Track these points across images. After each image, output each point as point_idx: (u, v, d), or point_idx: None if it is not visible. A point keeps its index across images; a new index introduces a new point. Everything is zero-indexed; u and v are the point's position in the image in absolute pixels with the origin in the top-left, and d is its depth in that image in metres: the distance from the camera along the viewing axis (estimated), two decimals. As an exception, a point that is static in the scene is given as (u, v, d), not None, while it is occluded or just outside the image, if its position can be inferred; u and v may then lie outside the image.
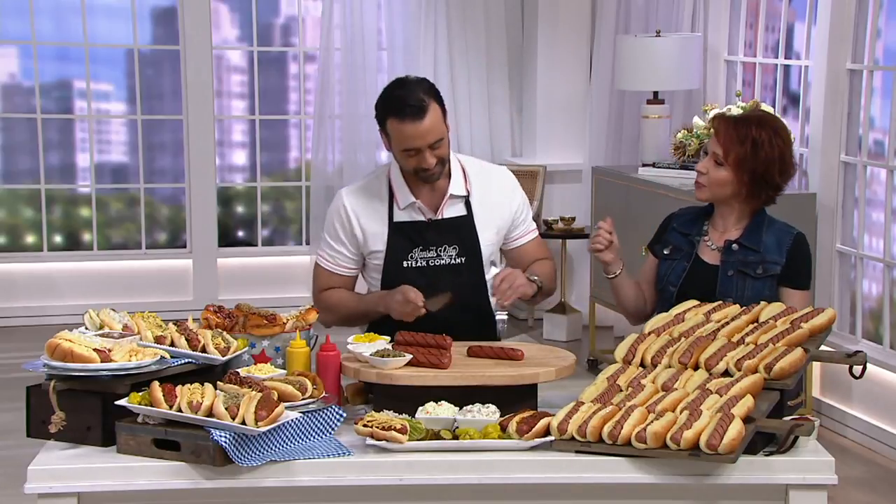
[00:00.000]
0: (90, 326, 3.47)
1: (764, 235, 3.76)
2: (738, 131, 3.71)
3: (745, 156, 3.69)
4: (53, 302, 7.88)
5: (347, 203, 3.97)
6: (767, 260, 3.73)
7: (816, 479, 3.13)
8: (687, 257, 3.82)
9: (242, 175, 8.48)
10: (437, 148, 3.83)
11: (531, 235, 4.09)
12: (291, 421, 3.13)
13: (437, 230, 3.93)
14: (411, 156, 3.82)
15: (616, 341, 6.49)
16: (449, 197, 3.93)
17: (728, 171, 3.71)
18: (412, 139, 3.79)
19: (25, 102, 8.03)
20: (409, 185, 3.93)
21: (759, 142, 3.69)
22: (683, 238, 3.84)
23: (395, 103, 3.81)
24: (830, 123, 6.20)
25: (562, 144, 8.04)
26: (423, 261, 3.92)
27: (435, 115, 3.81)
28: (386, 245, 3.93)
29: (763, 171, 3.71)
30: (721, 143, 3.72)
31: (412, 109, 3.77)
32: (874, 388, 5.85)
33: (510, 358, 3.50)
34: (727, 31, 7.25)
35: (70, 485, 3.07)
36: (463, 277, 3.90)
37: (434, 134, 3.81)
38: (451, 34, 8.08)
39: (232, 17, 8.37)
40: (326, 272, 4.01)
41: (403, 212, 3.93)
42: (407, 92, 3.82)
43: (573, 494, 3.14)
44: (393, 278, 3.91)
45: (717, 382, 3.21)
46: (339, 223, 3.97)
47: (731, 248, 3.76)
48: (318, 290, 4.03)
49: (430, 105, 3.80)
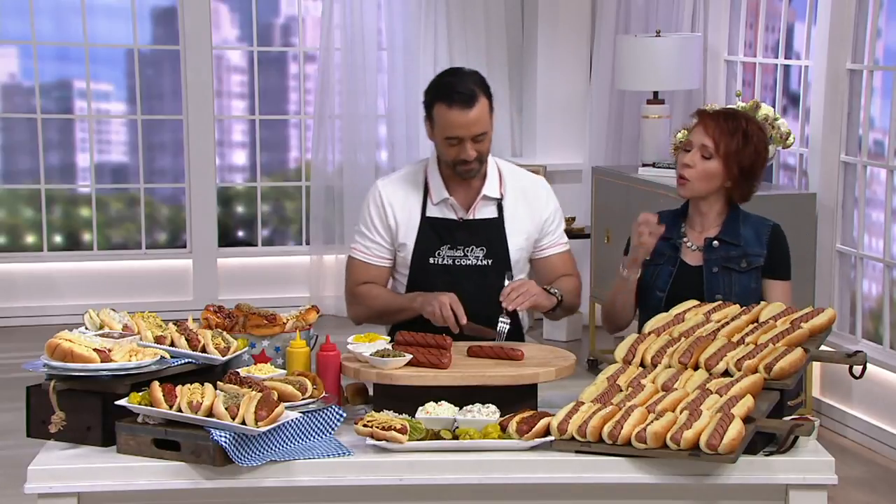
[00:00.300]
0: (90, 326, 3.47)
1: (742, 229, 3.78)
2: (728, 124, 3.73)
3: (736, 147, 3.71)
4: (53, 302, 7.88)
5: (384, 192, 3.97)
6: (749, 253, 3.75)
7: (816, 479, 3.13)
8: (671, 261, 3.81)
9: (242, 175, 8.48)
10: (480, 142, 3.83)
11: (558, 249, 4.05)
12: (291, 421, 3.13)
13: (467, 230, 3.92)
14: (453, 145, 3.82)
15: (616, 341, 6.47)
16: (482, 197, 3.93)
17: (717, 162, 3.72)
18: (457, 127, 3.79)
19: (25, 102, 8.02)
20: (444, 181, 3.93)
21: (749, 134, 3.73)
22: (664, 242, 3.80)
23: (445, 89, 3.81)
24: (830, 123, 6.20)
25: (562, 144, 8.04)
26: (449, 259, 3.91)
27: (482, 109, 3.81)
28: (415, 239, 3.92)
29: (750, 165, 3.74)
30: (711, 135, 3.72)
31: (461, 97, 3.78)
32: (874, 388, 5.85)
33: (510, 358, 3.50)
34: (727, 31, 7.25)
35: (70, 485, 3.07)
36: (488, 279, 3.87)
37: (479, 126, 3.80)
38: (451, 34, 8.07)
39: (232, 17, 8.37)
40: (362, 264, 3.99)
41: (436, 207, 3.93)
42: (459, 80, 3.83)
43: (573, 494, 3.14)
44: (418, 274, 3.92)
45: (717, 382, 3.21)
46: (376, 212, 3.97)
47: (711, 246, 3.77)
48: (353, 285, 4.00)
49: (479, 97, 3.81)
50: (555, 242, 4.04)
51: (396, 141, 8.13)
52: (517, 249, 3.95)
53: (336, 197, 8.16)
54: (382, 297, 3.95)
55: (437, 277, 3.88)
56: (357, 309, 4.01)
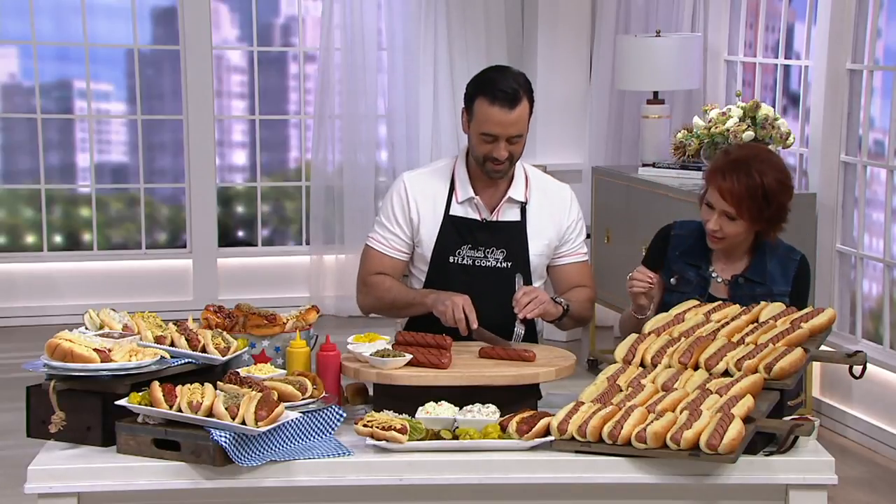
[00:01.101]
0: (90, 326, 3.47)
1: (769, 265, 3.74)
2: (742, 184, 3.60)
3: (758, 207, 3.62)
4: (53, 302, 7.88)
5: (408, 185, 3.96)
6: (775, 292, 3.70)
7: (816, 479, 3.13)
8: (699, 290, 3.75)
9: (242, 175, 8.47)
10: (514, 143, 3.82)
11: (575, 258, 4.01)
12: (291, 421, 3.13)
13: (489, 231, 3.90)
14: (487, 142, 3.81)
15: (616, 341, 6.46)
16: (507, 199, 3.92)
17: (743, 223, 3.65)
18: (495, 125, 3.77)
19: (25, 102, 8.02)
20: (472, 179, 3.93)
21: (767, 188, 3.61)
22: (692, 269, 3.77)
23: (489, 84, 3.80)
24: (830, 123, 6.20)
25: (562, 144, 8.03)
26: (469, 259, 3.90)
27: (523, 111, 3.80)
28: (437, 236, 3.91)
29: (777, 213, 3.66)
30: (729, 201, 3.61)
31: (504, 95, 3.76)
32: (874, 388, 5.85)
33: (522, 359, 3.49)
34: (727, 31, 7.24)
35: (70, 485, 3.07)
36: (506, 282, 3.83)
37: (516, 128, 3.79)
38: (451, 34, 8.07)
39: (232, 17, 8.37)
40: (378, 254, 3.97)
41: (460, 206, 3.92)
42: (504, 77, 3.81)
43: (573, 494, 3.14)
44: (437, 272, 3.91)
45: (717, 382, 3.21)
46: (399, 204, 3.95)
47: (738, 283, 3.74)
48: (367, 273, 3.98)
49: (522, 98, 3.79)
50: (573, 252, 4.00)
51: (396, 141, 8.13)
52: (537, 254, 3.93)
53: (336, 197, 8.16)
54: (394, 289, 3.93)
55: (455, 276, 3.87)
56: (367, 298, 3.99)
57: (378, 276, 3.96)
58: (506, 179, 3.92)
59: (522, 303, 3.69)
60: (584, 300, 3.95)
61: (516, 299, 3.70)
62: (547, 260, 3.98)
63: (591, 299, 3.99)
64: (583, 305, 3.93)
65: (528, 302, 3.69)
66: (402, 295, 3.91)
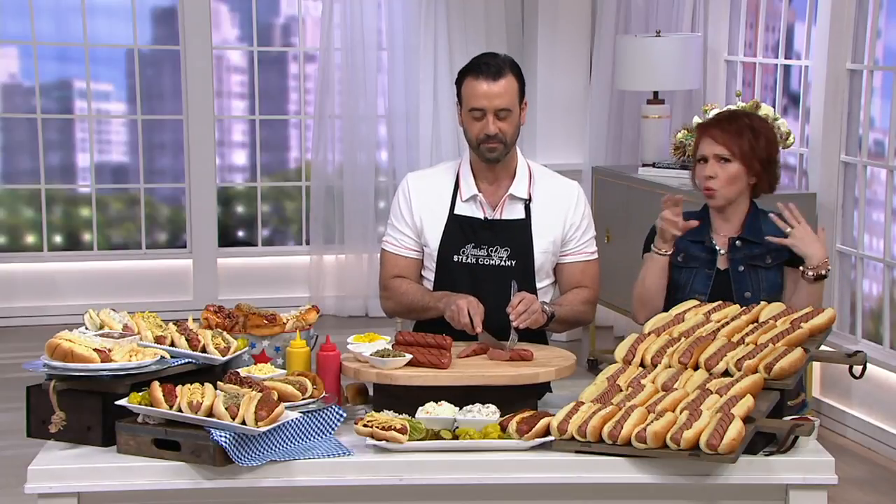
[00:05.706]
0: (90, 326, 3.47)
1: (763, 225, 3.77)
2: (731, 126, 3.76)
3: (749, 144, 3.74)
4: (53, 302, 7.88)
5: (412, 185, 3.98)
6: (772, 249, 3.74)
7: (816, 479, 3.13)
8: (708, 265, 3.79)
9: (242, 175, 8.48)
10: (503, 119, 3.82)
11: (580, 257, 3.97)
12: (291, 421, 3.13)
13: (492, 230, 3.90)
14: (476, 118, 3.83)
15: (616, 341, 6.49)
16: (508, 196, 3.91)
17: (737, 164, 3.74)
18: (481, 97, 3.81)
19: (25, 102, 8.02)
20: (475, 177, 3.93)
21: (755, 127, 3.77)
22: (697, 245, 3.80)
23: (474, 63, 3.88)
24: (830, 123, 6.20)
25: (562, 144, 8.03)
26: (473, 258, 3.89)
27: (509, 85, 3.83)
28: (441, 236, 3.91)
29: (767, 154, 3.77)
30: (720, 142, 3.74)
31: (488, 68, 3.82)
32: (874, 388, 5.85)
33: (521, 359, 3.49)
34: (727, 31, 7.24)
35: (70, 485, 3.07)
36: (510, 281, 3.80)
37: (503, 100, 3.81)
38: (451, 34, 8.07)
39: (232, 17, 8.37)
40: (392, 256, 3.98)
41: (465, 205, 3.92)
42: (489, 57, 3.89)
43: (573, 494, 3.14)
44: (443, 272, 3.91)
45: (717, 382, 3.21)
46: (405, 204, 3.97)
47: (735, 245, 3.77)
48: (386, 277, 3.99)
49: (507, 72, 3.84)
50: (577, 250, 3.97)
51: (396, 141, 8.13)
52: (542, 252, 3.91)
53: (336, 197, 8.16)
54: (410, 292, 3.93)
55: (461, 276, 3.87)
56: (387, 303, 4.00)
57: (396, 280, 3.96)
58: (508, 176, 3.92)
59: (518, 311, 3.67)
60: (578, 302, 3.92)
61: (512, 306, 3.68)
62: (553, 258, 3.95)
63: (588, 301, 3.95)
64: (576, 308, 3.91)
65: (524, 310, 3.66)
66: (418, 299, 3.91)
